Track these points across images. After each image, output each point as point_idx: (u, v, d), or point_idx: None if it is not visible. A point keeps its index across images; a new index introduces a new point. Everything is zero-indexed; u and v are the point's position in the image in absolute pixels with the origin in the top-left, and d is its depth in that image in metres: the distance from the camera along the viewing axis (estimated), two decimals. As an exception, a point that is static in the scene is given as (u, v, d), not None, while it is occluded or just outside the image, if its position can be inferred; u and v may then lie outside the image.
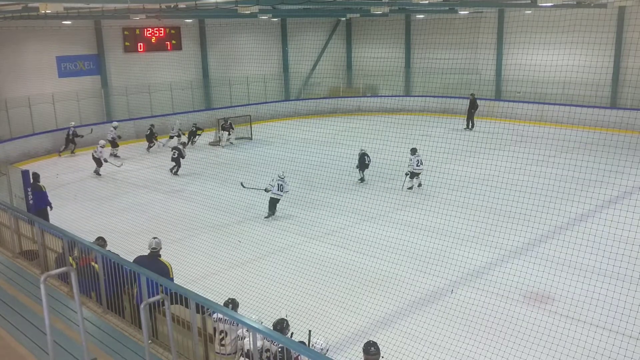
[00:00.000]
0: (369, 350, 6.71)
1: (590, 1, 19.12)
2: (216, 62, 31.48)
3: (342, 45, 36.97)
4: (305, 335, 7.90)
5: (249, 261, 13.04)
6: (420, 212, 15.23)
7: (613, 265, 10.95)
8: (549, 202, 14.57)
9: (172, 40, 29.93)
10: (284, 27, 34.29)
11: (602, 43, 25.41)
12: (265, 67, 31.86)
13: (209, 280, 11.69)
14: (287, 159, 22.43)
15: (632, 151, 17.56)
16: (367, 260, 12.72)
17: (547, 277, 11.14)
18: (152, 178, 20.70)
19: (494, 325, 9.53)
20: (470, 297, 10.77)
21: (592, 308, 9.73)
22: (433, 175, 18.07)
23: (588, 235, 12.36)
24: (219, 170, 21.74)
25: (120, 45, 28.22)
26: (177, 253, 12.79)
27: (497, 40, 30.67)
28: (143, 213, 16.62)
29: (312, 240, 14.17)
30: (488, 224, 14.04)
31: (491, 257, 12.61)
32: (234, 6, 17.94)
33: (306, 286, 11.45)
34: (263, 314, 8.96)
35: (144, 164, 23.04)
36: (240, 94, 31.73)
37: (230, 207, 16.75)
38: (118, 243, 11.71)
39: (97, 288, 7.80)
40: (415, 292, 11.10)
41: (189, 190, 19.20)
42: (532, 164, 19.53)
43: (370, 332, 9.52)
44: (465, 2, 23.06)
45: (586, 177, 16.51)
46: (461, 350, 8.94)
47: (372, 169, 19.25)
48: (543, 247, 13.05)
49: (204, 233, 14.93)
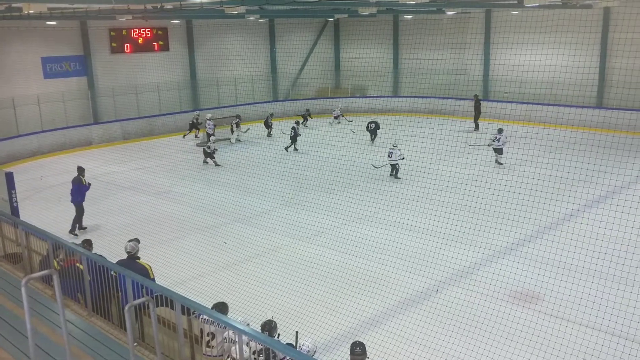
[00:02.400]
0: (354, 350, 6.71)
1: (575, 2, 19.23)
2: (204, 63, 31.37)
3: (330, 46, 36.98)
4: (293, 336, 7.88)
5: (236, 263, 12.98)
6: (408, 212, 15.25)
7: (598, 265, 11.00)
8: (535, 202, 14.63)
9: (159, 41, 29.80)
10: (271, 28, 34.25)
11: (588, 43, 25.60)
12: (253, 67, 31.81)
13: (197, 282, 11.63)
14: (275, 160, 22.41)
15: (618, 151, 17.68)
16: (355, 260, 12.70)
17: (533, 277, 11.19)
18: (139, 180, 20.57)
19: (481, 325, 9.55)
20: (458, 296, 10.78)
21: (579, 307, 9.77)
22: (421, 176, 18.11)
23: (574, 235, 12.42)
24: (205, 172, 21.66)
25: (107, 46, 28.03)
26: (164, 255, 12.74)
27: (484, 41, 30.81)
28: (130, 215, 16.51)
29: (300, 242, 14.13)
30: (475, 224, 14.09)
31: (478, 256, 12.65)
32: (219, 6, 17.88)
33: (294, 287, 11.42)
34: (250, 315, 8.92)
35: (131, 165, 22.88)
36: (228, 94, 31.63)
37: (218, 209, 16.68)
38: (105, 245, 11.63)
39: (83, 290, 7.72)
40: (403, 292, 11.10)
41: (176, 192, 19.09)
42: (518, 163, 19.62)
43: (357, 333, 9.50)
44: (452, 2, 23.12)
45: (572, 176, 16.62)
46: (448, 350, 8.95)
47: (360, 170, 19.24)
48: (529, 246, 13.10)
49: (192, 235, 14.85)
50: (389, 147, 19.54)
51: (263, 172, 20.19)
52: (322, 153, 22.40)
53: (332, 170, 18.90)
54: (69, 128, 26.07)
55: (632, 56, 22.36)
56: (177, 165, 22.40)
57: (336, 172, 19.05)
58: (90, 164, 22.89)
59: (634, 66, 22.34)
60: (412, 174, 18.91)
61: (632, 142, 18.20)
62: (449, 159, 20.78)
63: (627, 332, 9.11)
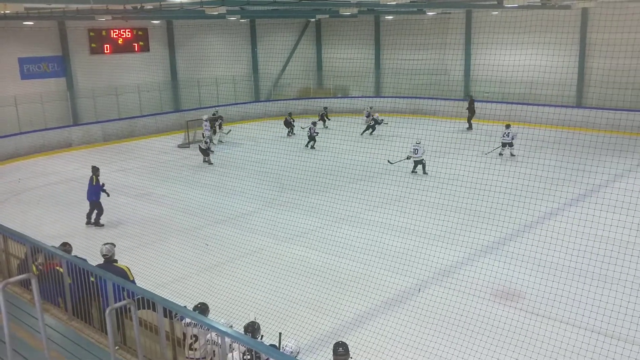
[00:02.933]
0: (337, 350, 6.71)
1: (554, 2, 19.44)
2: (185, 64, 31.18)
3: (312, 46, 36.97)
4: (276, 337, 7.85)
5: (219, 264, 12.91)
6: (391, 212, 15.31)
7: (578, 262, 11.11)
8: (516, 201, 14.75)
9: (140, 42, 29.54)
10: (253, 28, 34.14)
11: (567, 43, 25.91)
12: (234, 68, 31.67)
13: (179, 285, 11.55)
14: (258, 161, 22.34)
15: (597, 149, 17.92)
16: (338, 260, 12.70)
17: (515, 275, 11.27)
18: (120, 181, 20.36)
19: (463, 323, 9.60)
20: (440, 295, 10.83)
21: (559, 305, 9.87)
22: (403, 176, 18.16)
23: (555, 233, 12.56)
24: (187, 173, 21.52)
25: (86, 46, 27.72)
26: (146, 257, 12.62)
27: (464, 41, 31.02)
28: (110, 217, 16.34)
29: (283, 242, 14.10)
30: (457, 223, 14.17)
31: (460, 255, 12.72)
32: (200, 7, 17.78)
33: (277, 288, 11.39)
34: (233, 317, 8.87)
35: (112, 167, 22.64)
36: (209, 95, 31.47)
37: (200, 210, 16.59)
38: (85, 248, 11.49)
39: (64, 293, 7.62)
40: (386, 291, 11.13)
41: (157, 194, 18.94)
42: (499, 162, 19.79)
43: (341, 333, 9.50)
44: (432, 3, 23.24)
45: (553, 175, 16.80)
46: (431, 349, 8.98)
47: (343, 170, 19.25)
48: (511, 245, 13.19)
49: (173, 237, 14.75)
50: (412, 144, 19.73)
51: (245, 173, 20.12)
52: (304, 153, 22.37)
53: (315, 170, 18.88)
54: (48, 130, 25.74)
55: (609, 56, 22.66)
56: (158, 167, 22.22)
57: (319, 172, 19.04)
58: (70, 166, 22.71)
59: (612, 66, 22.64)
60: (395, 173, 18.95)
61: (610, 140, 18.42)
62: (431, 158, 20.89)
63: (607, 329, 9.22)
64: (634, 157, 19.24)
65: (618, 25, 18.56)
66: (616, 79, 22.02)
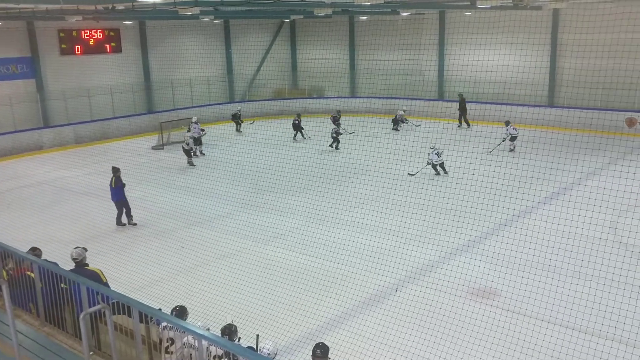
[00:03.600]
0: (315, 352, 6.69)
1: (526, 3, 19.69)
2: (158, 65, 30.83)
3: (287, 47, 36.90)
4: (254, 340, 7.79)
5: (195, 267, 12.79)
6: (368, 212, 15.34)
7: (552, 260, 11.27)
8: (490, 200, 14.88)
9: (112, 43, 29.15)
10: (227, 29, 33.94)
11: (539, 44, 26.29)
12: (208, 69, 31.46)
13: (154, 288, 11.41)
14: (233, 162, 22.21)
15: (569, 148, 18.18)
16: (315, 261, 12.67)
17: (490, 273, 11.37)
18: (93, 184, 20.06)
19: (440, 322, 9.65)
20: (417, 294, 10.87)
21: (534, 302, 9.98)
22: (380, 176, 18.21)
23: (528, 231, 12.72)
24: (162, 175, 21.28)
25: (56, 47, 27.24)
26: (120, 261, 12.46)
27: (438, 42, 31.24)
28: (84, 221, 16.09)
29: (259, 244, 14.03)
30: (432, 223, 14.25)
31: (436, 254, 12.79)
32: (173, 7, 17.60)
33: (254, 290, 11.32)
34: (210, 320, 8.78)
35: (85, 170, 22.32)
36: (183, 96, 31.19)
37: (175, 212, 16.42)
38: (57, 252, 11.27)
39: (35, 299, 7.46)
40: (363, 291, 11.13)
41: (131, 196, 18.58)
42: (473, 162, 19.92)
43: (319, 334, 9.47)
44: (406, 3, 23.35)
45: (526, 174, 17.01)
46: (409, 348, 9.00)
47: (319, 171, 19.20)
48: (486, 243, 13.32)
49: (148, 239, 14.57)
50: (430, 150, 19.57)
51: (221, 174, 19.97)
52: (280, 154, 22.29)
53: (292, 171, 18.85)
54: (18, 132, 25.25)
55: (580, 56, 23.00)
56: (132, 169, 21.91)
57: (296, 173, 18.99)
58: (41, 169, 22.33)
59: (582, 66, 23.01)
60: (371, 174, 18.98)
61: (582, 139, 18.71)
62: (406, 159, 20.95)
63: (580, 325, 9.35)
64: (605, 155, 19.58)
65: (588, 25, 18.84)
66: (587, 79, 22.40)
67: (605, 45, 22.45)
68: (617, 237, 13.44)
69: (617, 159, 19.77)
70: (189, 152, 22.36)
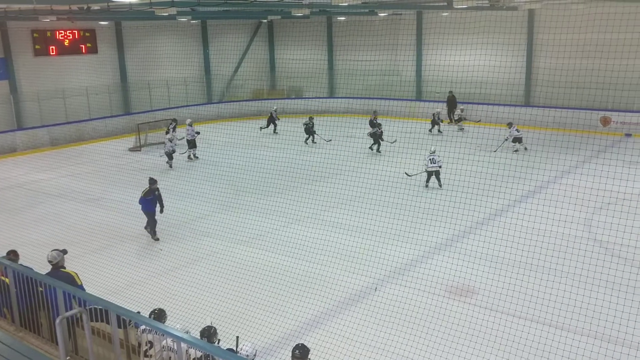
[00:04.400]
0: (294, 353, 6.69)
1: (502, 4, 19.90)
2: (135, 66, 30.53)
3: (265, 47, 36.82)
4: (233, 341, 7.76)
5: (173, 269, 12.70)
6: (346, 212, 15.38)
7: (528, 257, 11.40)
8: (467, 198, 15.01)
9: (87, 43, 28.79)
10: (204, 29, 33.77)
11: (515, 44, 26.58)
12: (186, 69, 31.25)
13: (132, 291, 11.30)
14: (211, 163, 22.11)
15: (544, 147, 18.43)
16: (294, 262, 12.66)
17: (467, 271, 11.47)
18: (69, 187, 19.83)
19: (419, 320, 9.70)
20: (396, 293, 10.92)
21: (511, 299, 10.09)
22: (358, 175, 18.23)
23: (504, 229, 12.84)
24: (139, 177, 21.06)
25: (30, 48, 26.83)
26: (97, 264, 12.33)
27: (416, 42, 31.43)
28: (59, 223, 15.87)
29: (238, 245, 13.98)
30: (410, 222, 14.31)
31: (414, 253, 12.85)
32: (149, 8, 17.46)
33: (234, 292, 11.28)
34: (189, 322, 8.73)
35: (60, 172, 22.03)
36: (160, 97, 30.94)
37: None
38: (33, 256, 11.10)
39: (10, 304, 7.35)
40: (343, 291, 11.16)
41: (108, 199, 18.50)
42: (451, 161, 20.10)
43: (299, 335, 9.47)
44: (383, 3, 23.46)
45: (502, 173, 17.18)
46: (388, 347, 9.05)
47: (297, 172, 19.21)
48: (463, 242, 13.44)
49: (126, 242, 14.43)
50: (427, 153, 18.33)
51: (199, 175, 19.86)
52: (258, 155, 22.25)
53: (270, 172, 18.83)
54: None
55: (555, 56, 23.35)
56: (109, 171, 21.72)
57: (274, 173, 18.99)
58: (14, 172, 21.99)
59: (557, 66, 23.33)
60: (349, 174, 18.99)
61: (557, 138, 18.97)
62: (384, 158, 21.08)
63: (557, 321, 9.49)
64: (580, 154, 19.85)
65: (563, 26, 19.13)
66: (562, 79, 22.70)
67: (579, 45, 22.79)
68: (592, 234, 13.65)
69: (591, 157, 20.09)
70: (170, 155, 22.13)
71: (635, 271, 10.94)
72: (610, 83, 20.93)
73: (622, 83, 21.21)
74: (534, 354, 8.45)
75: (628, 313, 8.95)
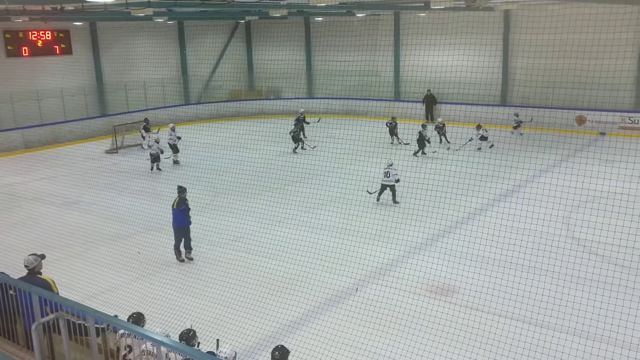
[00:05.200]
0: (274, 355, 6.65)
1: (478, 4, 20.07)
2: (111, 67, 30.16)
3: (242, 48, 36.66)
4: (214, 344, 7.69)
5: (152, 273, 12.54)
6: (325, 213, 15.33)
7: (508, 255, 11.47)
8: (446, 198, 15.09)
9: (61, 44, 28.34)
10: (181, 30, 33.50)
11: (492, 44, 26.82)
12: (163, 70, 30.96)
13: (110, 295, 11.15)
14: (189, 165, 21.93)
15: (522, 146, 18.61)
16: (274, 263, 12.59)
17: (448, 270, 11.51)
18: (44, 190, 19.50)
19: (400, 320, 9.70)
20: (377, 294, 10.92)
21: (492, 298, 10.14)
22: (338, 176, 18.22)
23: (484, 228, 12.94)
24: (116, 179, 20.83)
25: (2, 49, 26.32)
26: (74, 268, 12.11)
27: (394, 42, 31.55)
28: (35, 228, 15.58)
29: (217, 247, 13.86)
30: (390, 222, 14.36)
31: (395, 253, 12.87)
32: (125, 8, 17.25)
33: (213, 294, 11.17)
34: (169, 326, 8.62)
35: (35, 175, 21.66)
36: (137, 99, 30.60)
37: (130, 217, 16.08)
38: (7, 261, 10.89)
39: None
40: (323, 292, 11.11)
41: (85, 201, 18.24)
42: (429, 161, 20.22)
43: (279, 336, 9.41)
44: (361, 4, 23.50)
45: (481, 172, 17.30)
46: (370, 347, 9.04)
47: (276, 173, 19.13)
48: (443, 241, 13.49)
49: (103, 245, 14.23)
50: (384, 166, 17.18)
51: (177, 177, 19.66)
52: (236, 156, 22.12)
53: (249, 173, 18.74)
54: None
55: (531, 56, 23.61)
56: (85, 174, 21.42)
57: (253, 175, 18.89)
58: (-12, 175, 21.55)
59: (533, 65, 23.60)
60: (329, 174, 19.00)
61: (534, 137, 19.18)
62: (363, 158, 21.11)
63: (537, 319, 9.57)
64: (556, 152, 20.12)
65: (538, 26, 19.34)
66: (538, 78, 22.98)
67: (555, 45, 23.10)
68: (570, 232, 13.80)
69: (568, 156, 20.34)
70: (157, 157, 21.73)
71: (612, 268, 11.08)
72: (586, 83, 21.23)
73: (596, 83, 21.51)
74: (515, 351, 8.50)
75: (606, 310, 9.04)
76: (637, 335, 8.49)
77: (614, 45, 20.86)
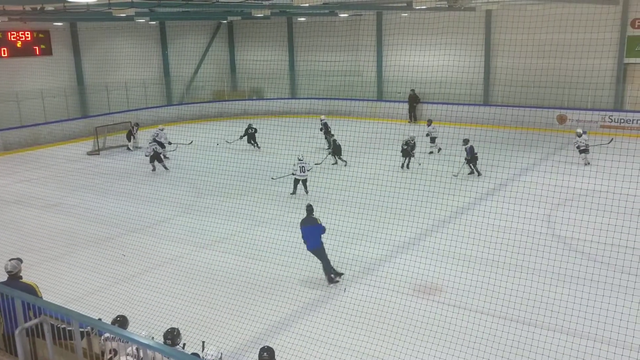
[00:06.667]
0: (261, 355, 6.63)
1: (460, 4, 20.19)
2: (92, 68, 29.88)
3: (225, 48, 36.53)
4: (199, 346, 7.66)
5: (136, 275, 12.44)
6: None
7: (492, 254, 11.56)
8: (431, 197, 15.15)
9: (41, 45, 27.98)
10: (163, 31, 33.28)
11: (473, 44, 27.04)
12: (145, 71, 30.73)
13: (94, 298, 11.06)
14: (173, 166, 21.79)
15: (504, 145, 18.73)
16: (259, 264, 12.56)
17: (434, 269, 11.56)
18: (25, 193, 19.26)
19: (387, 319, 9.75)
20: (363, 293, 10.94)
21: (478, 296, 10.22)
22: (321, 176, 18.25)
23: (468, 227, 13.02)
24: (98, 181, 20.64)
25: (-20, 50, 26.01)
26: (56, 271, 11.98)
27: (376, 43, 31.63)
28: (16, 231, 15.39)
29: (201, 249, 13.80)
30: (375, 221, 14.39)
31: (380, 253, 12.90)
32: (108, 8, 17.10)
33: (198, 296, 11.13)
34: (154, 328, 8.57)
35: (15, 177, 21.39)
36: (119, 100, 30.35)
37: (113, 219, 15.95)
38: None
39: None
40: (310, 292, 11.12)
41: (67, 204, 18.04)
42: (414, 161, 20.28)
43: (266, 337, 9.40)
44: (343, 4, 23.53)
45: (464, 171, 17.43)
46: (357, 347, 9.05)
47: (260, 173, 19.08)
48: (428, 240, 13.55)
49: (86, 248, 14.09)
50: (295, 161, 17.69)
51: (160, 178, 19.56)
52: (219, 157, 22.02)
53: (231, 174, 18.63)
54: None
55: (512, 56, 23.80)
56: (67, 176, 21.19)
57: (235, 176, 18.80)
58: (-33, 178, 21.23)
59: (514, 65, 23.78)
60: (312, 174, 19.01)
61: (516, 136, 19.32)
62: (348, 158, 21.16)
63: (523, 317, 9.65)
64: (538, 151, 20.31)
65: (519, 26, 19.49)
66: (520, 78, 23.18)
67: (536, 45, 23.31)
68: (552, 230, 13.95)
69: (549, 154, 20.55)
70: (159, 157, 21.48)
71: (593, 265, 11.22)
72: (566, 82, 21.48)
73: (576, 82, 21.79)
74: (502, 349, 8.56)
75: (592, 307, 9.15)
76: (618, 331, 8.60)
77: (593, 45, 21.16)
